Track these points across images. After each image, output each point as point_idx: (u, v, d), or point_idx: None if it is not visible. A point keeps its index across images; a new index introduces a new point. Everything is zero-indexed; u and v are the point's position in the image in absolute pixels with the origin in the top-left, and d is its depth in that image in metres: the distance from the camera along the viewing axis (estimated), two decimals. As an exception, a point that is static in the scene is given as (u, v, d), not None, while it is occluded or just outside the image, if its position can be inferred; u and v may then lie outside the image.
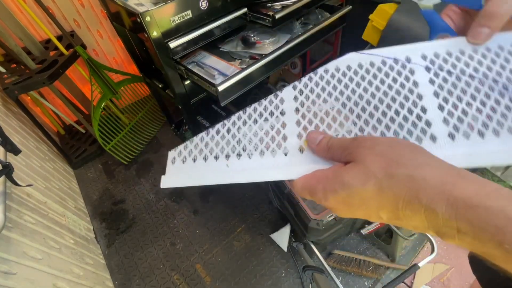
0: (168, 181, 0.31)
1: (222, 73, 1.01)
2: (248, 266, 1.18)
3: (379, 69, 0.30)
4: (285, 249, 1.17)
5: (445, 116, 0.26)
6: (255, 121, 0.31)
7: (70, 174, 1.61)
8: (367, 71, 0.30)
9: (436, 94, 0.27)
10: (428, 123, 0.26)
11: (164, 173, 0.32)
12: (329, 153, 0.25)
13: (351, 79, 0.30)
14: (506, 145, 0.24)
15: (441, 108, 0.26)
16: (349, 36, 1.46)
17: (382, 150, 0.21)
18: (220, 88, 0.90)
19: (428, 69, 0.28)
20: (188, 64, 1.07)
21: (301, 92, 0.31)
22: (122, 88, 1.59)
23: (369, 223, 1.03)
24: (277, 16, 0.97)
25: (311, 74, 0.32)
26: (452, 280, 1.08)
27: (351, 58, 0.31)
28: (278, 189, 0.94)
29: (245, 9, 1.02)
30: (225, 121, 0.32)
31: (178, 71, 1.02)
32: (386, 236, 1.13)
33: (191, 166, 0.31)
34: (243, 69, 0.96)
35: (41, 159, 1.34)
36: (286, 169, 0.27)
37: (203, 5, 0.90)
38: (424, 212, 0.18)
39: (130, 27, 0.97)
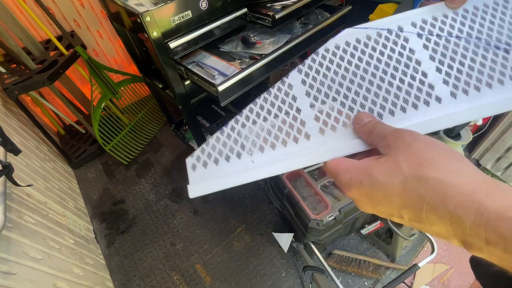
0: (195, 189, 0.29)
1: (222, 73, 1.01)
2: (248, 266, 1.18)
3: (376, 41, 0.31)
4: (286, 250, 1.17)
5: (444, 77, 0.27)
6: (269, 112, 0.31)
7: (70, 174, 1.61)
8: (366, 45, 0.31)
9: (432, 58, 0.28)
10: (431, 86, 0.27)
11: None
12: (370, 137, 0.25)
13: (352, 55, 0.31)
14: (499, 95, 0.26)
15: (439, 70, 0.28)
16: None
17: (418, 149, 0.21)
18: (220, 88, 0.90)
19: (419, 35, 0.30)
20: (188, 64, 1.07)
21: (307, 74, 0.31)
22: (122, 88, 1.59)
23: (369, 223, 1.03)
24: (277, 16, 0.97)
25: (313, 55, 0.32)
26: (452, 280, 1.08)
27: (348, 34, 0.32)
28: (278, 189, 0.94)
29: (245, 9, 1.02)
30: (238, 117, 0.31)
31: (178, 71, 1.02)
32: (386, 236, 1.13)
33: (214, 169, 0.30)
34: (243, 69, 0.96)
35: (41, 159, 1.34)
36: (313, 153, 0.27)
37: (203, 5, 0.90)
38: (450, 219, 0.18)
39: (130, 27, 0.97)
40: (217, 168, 0.30)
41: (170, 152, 1.70)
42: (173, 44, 0.89)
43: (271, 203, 1.29)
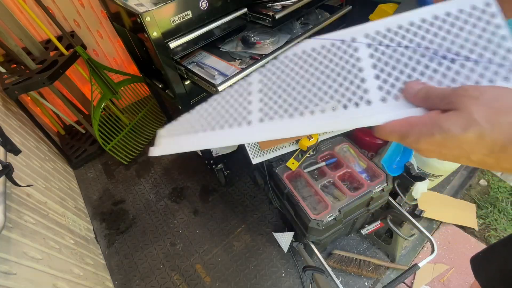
0: (157, 150, 0.35)
1: (222, 73, 1.01)
2: (248, 266, 1.18)
3: (328, 50, 0.35)
4: (286, 250, 1.17)
5: (380, 84, 0.31)
6: (227, 101, 0.37)
7: (70, 174, 1.61)
8: (318, 53, 0.35)
9: (374, 66, 0.32)
10: (365, 91, 0.31)
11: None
12: (426, 102, 0.27)
13: (305, 61, 0.36)
14: None
15: (377, 77, 0.31)
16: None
17: (488, 100, 0.22)
18: (220, 88, 0.90)
19: (369, 45, 0.33)
20: (188, 64, 1.07)
21: (265, 75, 0.37)
22: (122, 88, 1.59)
23: (369, 223, 1.03)
24: (277, 16, 0.97)
25: (273, 60, 0.37)
26: (452, 280, 1.08)
27: (306, 43, 0.37)
28: (278, 189, 0.94)
29: (245, 9, 1.02)
30: (203, 102, 0.38)
31: (178, 71, 1.02)
32: (386, 236, 1.13)
33: (183, 136, 0.36)
34: (243, 69, 0.96)
35: (41, 159, 1.34)
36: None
37: (203, 5, 0.90)
38: None
39: (130, 27, 0.97)
40: (185, 136, 0.36)
41: (170, 152, 1.69)
42: (173, 44, 0.89)
43: (271, 203, 1.29)
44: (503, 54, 0.28)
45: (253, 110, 0.35)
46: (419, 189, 0.95)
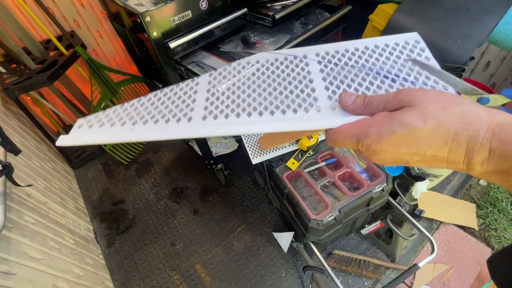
0: (64, 139, 0.33)
1: (222, 73, 1.01)
2: (248, 266, 1.18)
3: (281, 63, 0.37)
4: (286, 250, 1.17)
5: (329, 94, 0.33)
6: (169, 98, 0.36)
7: (70, 174, 1.61)
8: (272, 64, 0.37)
9: (324, 79, 0.34)
10: (315, 99, 0.32)
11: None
12: (367, 109, 0.28)
13: (257, 69, 0.37)
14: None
15: (327, 88, 0.33)
16: (349, 36, 1.46)
17: (433, 96, 0.24)
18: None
19: (319, 62, 0.36)
20: (188, 64, 1.07)
21: (215, 78, 0.38)
22: (122, 88, 1.59)
23: (369, 223, 1.03)
24: (277, 16, 0.97)
25: (226, 66, 0.38)
26: (452, 280, 1.08)
27: (261, 55, 0.38)
28: (278, 189, 0.94)
29: (245, 9, 1.02)
30: (141, 97, 0.37)
31: (178, 71, 1.02)
32: (386, 236, 1.13)
33: (96, 129, 0.34)
34: (243, 69, 0.96)
35: (41, 159, 1.34)
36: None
37: (203, 5, 0.90)
38: (467, 142, 0.22)
39: (130, 27, 0.97)
40: (99, 129, 0.34)
41: (170, 152, 1.70)
42: (173, 44, 0.89)
43: (271, 203, 1.29)
44: (433, 80, 0.32)
45: (196, 108, 0.35)
46: (419, 189, 0.95)
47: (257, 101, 0.34)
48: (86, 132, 0.34)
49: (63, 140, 0.33)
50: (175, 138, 0.32)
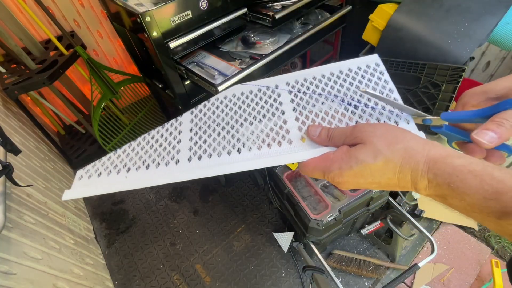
0: (69, 194, 0.35)
1: (222, 73, 1.01)
2: (248, 266, 1.18)
3: (255, 95, 0.40)
4: (286, 250, 1.17)
5: (299, 125, 0.35)
6: (157, 141, 0.38)
7: (70, 174, 1.60)
8: (247, 97, 0.40)
9: (294, 110, 0.37)
10: (287, 131, 0.35)
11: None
12: (331, 142, 0.32)
13: (234, 103, 0.40)
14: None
15: (297, 119, 0.36)
16: (349, 36, 1.46)
17: (382, 133, 0.28)
18: (220, 88, 0.90)
19: (290, 92, 0.39)
20: (188, 64, 1.07)
21: (196, 116, 0.40)
22: (122, 88, 1.59)
23: (369, 223, 1.03)
24: (277, 16, 0.97)
25: (205, 102, 0.41)
26: (452, 280, 1.08)
27: (237, 88, 0.41)
28: (278, 189, 0.94)
29: (245, 9, 1.02)
30: (132, 142, 0.39)
31: (178, 71, 1.02)
32: (386, 236, 1.13)
33: (95, 179, 0.36)
34: (243, 69, 0.96)
35: (41, 159, 1.34)
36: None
37: (203, 5, 0.90)
38: (411, 173, 0.26)
39: (130, 27, 0.97)
40: (97, 179, 0.36)
41: (170, 152, 1.69)
42: (173, 44, 0.89)
43: (271, 203, 1.29)
44: (391, 103, 0.34)
45: (182, 149, 0.36)
46: (419, 189, 0.95)
47: (236, 138, 0.36)
48: (87, 184, 0.36)
49: (68, 195, 0.35)
50: (167, 182, 0.33)
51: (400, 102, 0.34)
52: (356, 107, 0.35)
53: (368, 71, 0.39)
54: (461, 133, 0.31)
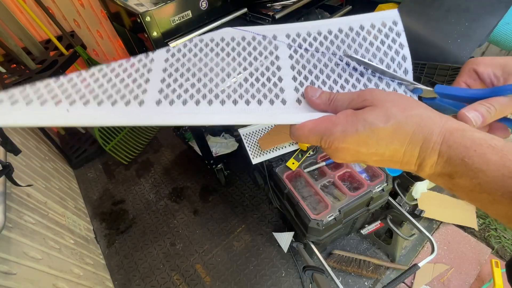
0: None
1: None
2: (248, 266, 1.18)
3: (249, 43, 0.33)
4: (286, 250, 1.17)
5: (296, 86, 0.31)
6: (117, 75, 0.31)
7: (70, 174, 1.61)
8: (238, 44, 0.33)
9: (293, 67, 0.32)
10: (282, 90, 0.31)
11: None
12: (332, 105, 0.28)
13: (222, 49, 0.33)
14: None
15: (294, 79, 0.31)
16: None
17: (394, 98, 0.25)
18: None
19: (289, 46, 0.33)
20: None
21: (173, 55, 0.33)
22: (122, 88, 1.59)
23: (369, 223, 1.03)
24: (277, 16, 0.97)
25: (186, 42, 0.34)
26: (452, 280, 1.08)
27: (226, 31, 0.34)
28: (278, 189, 0.94)
29: (245, 9, 1.02)
30: (82, 71, 0.32)
31: (178, 71, 1.02)
32: (386, 236, 1.13)
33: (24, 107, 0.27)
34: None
35: (41, 159, 1.34)
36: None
37: (203, 5, 0.90)
38: (421, 144, 0.23)
39: (130, 27, 0.97)
40: (25, 107, 0.27)
41: (170, 152, 1.70)
42: (173, 44, 0.89)
43: (271, 203, 1.29)
44: (402, 72, 0.31)
45: (150, 89, 0.30)
46: (419, 189, 0.95)
47: (220, 88, 0.31)
48: (7, 111, 0.26)
49: None
50: (122, 124, 0.28)
51: (410, 74, 0.31)
52: (361, 74, 0.31)
53: (382, 31, 0.33)
54: (456, 105, 0.29)
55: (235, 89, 0.31)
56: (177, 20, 0.86)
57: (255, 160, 0.93)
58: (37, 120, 0.27)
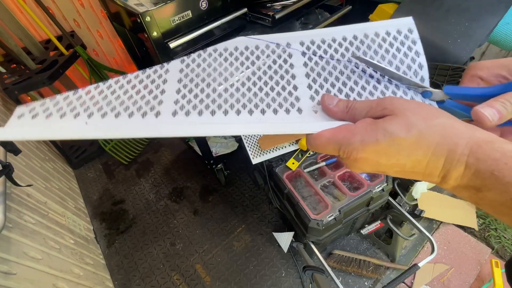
0: (1, 133, 0.27)
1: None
2: (248, 266, 1.18)
3: (263, 52, 0.33)
4: (286, 250, 1.17)
5: (312, 94, 0.30)
6: (134, 87, 0.31)
7: (70, 174, 1.61)
8: (252, 53, 0.33)
9: (307, 75, 0.32)
10: (297, 99, 0.30)
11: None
12: (349, 114, 0.27)
13: (236, 58, 0.33)
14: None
15: (309, 87, 0.31)
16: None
17: (415, 107, 0.24)
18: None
19: (304, 54, 0.33)
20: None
21: (188, 65, 0.33)
22: (122, 88, 1.59)
23: (369, 223, 1.03)
24: (277, 16, 0.97)
25: (200, 51, 0.34)
26: (452, 280, 1.08)
27: (240, 40, 0.34)
28: (278, 189, 0.94)
29: (245, 9, 1.02)
30: (100, 83, 0.32)
31: (178, 71, 1.02)
32: (386, 236, 1.13)
33: (43, 120, 0.28)
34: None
35: (41, 159, 1.34)
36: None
37: (203, 5, 0.90)
38: (446, 155, 0.22)
39: (130, 27, 0.97)
40: (45, 120, 0.28)
41: (170, 152, 1.70)
42: (173, 44, 0.89)
43: (271, 203, 1.29)
44: (418, 80, 0.30)
45: (165, 100, 0.30)
46: (419, 189, 0.95)
47: (235, 97, 0.30)
48: (28, 124, 0.28)
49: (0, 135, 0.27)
50: (140, 136, 0.28)
51: (427, 83, 0.30)
52: (378, 81, 0.30)
53: (398, 38, 0.32)
54: (466, 109, 0.27)
55: (250, 98, 0.30)
56: (177, 20, 0.86)
57: (255, 160, 0.93)
58: (56, 133, 0.28)
